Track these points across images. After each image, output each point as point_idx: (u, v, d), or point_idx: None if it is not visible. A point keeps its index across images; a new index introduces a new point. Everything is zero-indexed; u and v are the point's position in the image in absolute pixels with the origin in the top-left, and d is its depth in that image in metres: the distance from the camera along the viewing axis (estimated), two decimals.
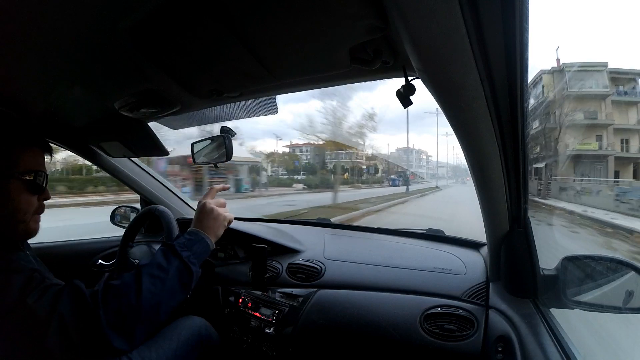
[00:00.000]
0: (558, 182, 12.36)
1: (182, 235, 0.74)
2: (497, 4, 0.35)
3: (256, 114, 0.97)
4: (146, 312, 0.60)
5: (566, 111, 13.75)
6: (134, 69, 0.68)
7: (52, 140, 1.17)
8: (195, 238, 0.73)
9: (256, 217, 1.70)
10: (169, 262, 0.66)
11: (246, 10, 0.48)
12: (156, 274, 0.63)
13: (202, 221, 0.77)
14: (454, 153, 61.84)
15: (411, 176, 45.37)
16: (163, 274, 0.64)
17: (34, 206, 0.66)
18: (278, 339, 1.09)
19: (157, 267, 0.64)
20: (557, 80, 14.34)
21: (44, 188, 0.68)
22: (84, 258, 1.37)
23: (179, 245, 0.69)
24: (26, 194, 0.63)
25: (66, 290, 0.57)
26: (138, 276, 0.61)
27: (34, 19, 0.50)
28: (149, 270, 0.63)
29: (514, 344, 0.69)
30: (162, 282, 0.63)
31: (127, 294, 0.59)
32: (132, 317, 0.59)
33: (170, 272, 0.65)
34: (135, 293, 0.59)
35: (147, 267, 0.63)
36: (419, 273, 1.03)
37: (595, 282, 0.78)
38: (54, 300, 0.54)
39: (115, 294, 0.58)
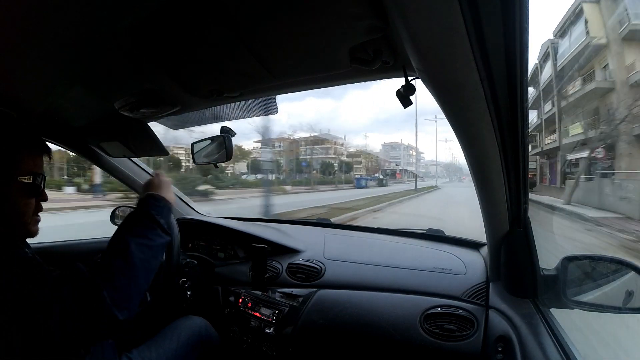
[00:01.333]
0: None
1: (148, 200, 0.75)
2: (497, 4, 0.35)
3: (256, 114, 0.97)
4: (141, 281, 0.64)
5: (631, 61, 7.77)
6: (134, 69, 0.68)
7: (52, 140, 1.17)
8: (164, 204, 0.76)
9: (256, 217, 1.70)
10: (151, 230, 0.69)
11: (246, 10, 0.48)
12: (143, 243, 0.65)
13: (162, 188, 0.80)
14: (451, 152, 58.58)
15: (397, 174, 42.66)
16: (148, 241, 0.67)
17: (32, 208, 0.66)
18: (278, 339, 1.09)
19: (142, 237, 0.66)
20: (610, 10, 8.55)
21: (43, 190, 0.68)
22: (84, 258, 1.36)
23: (155, 212, 0.72)
24: (25, 196, 0.64)
25: (66, 274, 0.58)
26: (128, 249, 0.63)
27: (34, 19, 0.50)
28: (137, 240, 0.65)
29: (514, 344, 0.69)
30: (150, 249, 0.66)
31: (124, 268, 0.61)
32: (131, 289, 0.62)
33: (154, 240, 0.68)
34: (131, 266, 0.62)
35: (133, 238, 0.65)
36: (419, 273, 1.03)
37: (595, 282, 0.78)
38: (56, 284, 0.55)
39: (114, 270, 0.60)
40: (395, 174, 42.87)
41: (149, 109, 0.85)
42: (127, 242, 0.63)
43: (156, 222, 0.70)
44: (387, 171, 43.89)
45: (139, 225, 0.68)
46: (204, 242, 1.45)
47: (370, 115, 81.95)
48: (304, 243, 1.29)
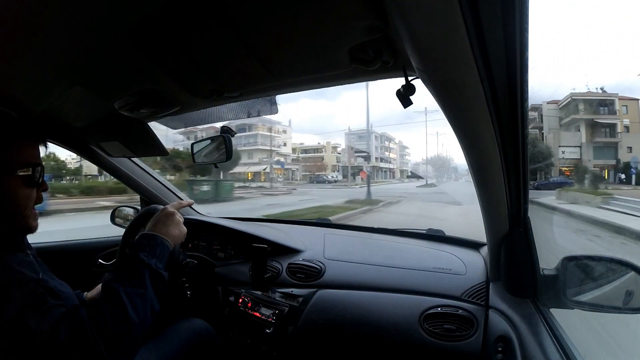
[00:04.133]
0: None
1: (139, 242, 0.73)
2: (497, 4, 0.35)
3: (256, 114, 0.97)
4: (138, 329, 0.62)
5: None
6: (134, 69, 0.68)
7: (52, 140, 1.17)
8: (154, 242, 0.73)
9: (256, 217, 1.70)
10: (141, 275, 0.66)
11: (246, 10, 0.48)
12: (136, 292, 0.63)
13: (163, 223, 0.78)
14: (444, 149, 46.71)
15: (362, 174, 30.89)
16: (141, 289, 0.65)
17: (33, 199, 0.66)
18: (278, 339, 1.09)
19: (133, 285, 0.64)
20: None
21: (42, 180, 0.68)
22: (84, 258, 1.37)
23: (144, 254, 0.69)
24: (25, 188, 0.64)
25: (67, 317, 0.56)
26: (121, 301, 0.61)
27: (34, 19, 0.50)
28: (128, 289, 0.63)
29: (514, 344, 0.69)
30: (143, 297, 0.64)
31: (119, 321, 0.59)
32: (129, 340, 0.60)
33: (147, 284, 0.66)
34: (126, 319, 0.60)
35: (124, 288, 0.62)
36: (419, 273, 1.03)
37: (595, 282, 0.78)
38: (55, 326, 0.54)
39: (109, 323, 0.58)
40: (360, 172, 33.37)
41: (149, 109, 0.85)
42: (119, 293, 0.61)
43: (146, 267, 0.67)
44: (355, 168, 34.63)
45: (128, 275, 0.66)
46: (204, 242, 1.45)
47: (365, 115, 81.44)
48: (304, 243, 1.29)
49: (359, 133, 39.74)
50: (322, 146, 40.19)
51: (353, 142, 38.74)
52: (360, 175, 33.66)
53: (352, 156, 37.03)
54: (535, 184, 14.27)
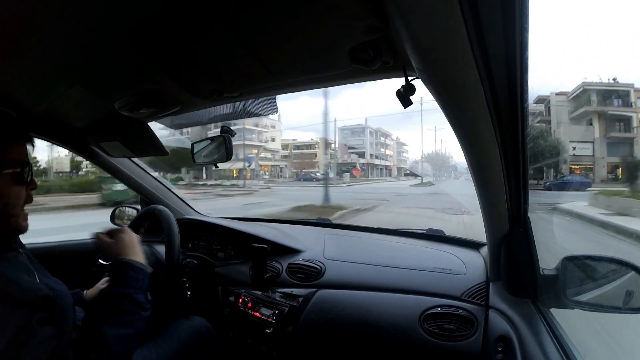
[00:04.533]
0: None
1: (127, 273, 0.70)
2: (497, 4, 0.35)
3: (256, 113, 0.97)
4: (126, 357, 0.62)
5: None
6: (134, 69, 0.68)
7: (52, 140, 1.18)
8: (144, 276, 0.72)
9: (256, 217, 1.70)
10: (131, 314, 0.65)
11: (246, 10, 0.48)
12: (123, 334, 0.62)
13: (133, 248, 0.77)
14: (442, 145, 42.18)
15: (355, 171, 31.10)
16: (129, 329, 0.64)
17: (22, 198, 0.66)
18: (278, 339, 1.09)
19: (121, 326, 0.63)
20: None
21: (31, 179, 0.68)
22: (84, 258, 1.37)
23: (134, 290, 0.68)
24: (15, 186, 0.63)
25: (56, 353, 0.55)
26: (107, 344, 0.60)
27: (34, 19, 0.50)
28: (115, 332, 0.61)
29: (514, 344, 0.69)
30: (128, 338, 0.63)
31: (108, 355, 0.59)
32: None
33: (135, 325, 0.65)
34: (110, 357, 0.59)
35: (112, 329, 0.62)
36: (419, 273, 1.03)
37: (595, 282, 0.78)
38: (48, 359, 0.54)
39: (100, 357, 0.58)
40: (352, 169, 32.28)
41: (149, 109, 0.85)
42: (106, 337, 0.60)
43: (137, 304, 0.66)
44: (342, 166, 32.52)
45: (118, 313, 0.64)
46: (204, 242, 1.45)
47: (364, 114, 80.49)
48: (304, 243, 1.29)
49: (353, 128, 38.20)
50: (315, 142, 37.49)
51: (346, 138, 37.66)
52: (353, 173, 32.08)
53: (345, 152, 35.72)
54: (547, 183, 13.04)
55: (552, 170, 14.37)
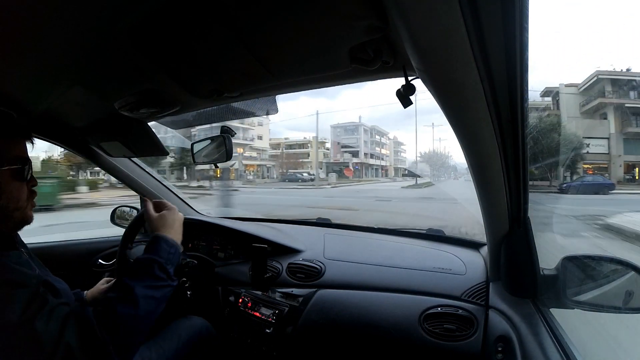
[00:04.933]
0: None
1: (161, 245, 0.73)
2: (497, 4, 0.35)
3: (256, 113, 0.97)
4: (145, 330, 0.64)
5: None
6: (134, 69, 0.68)
7: (52, 140, 1.18)
8: (176, 251, 0.74)
9: (256, 217, 1.70)
10: (160, 280, 0.68)
11: (246, 10, 0.48)
12: (150, 295, 0.64)
13: (174, 227, 0.79)
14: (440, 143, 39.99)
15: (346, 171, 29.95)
16: (156, 292, 0.66)
17: (25, 193, 0.67)
18: (278, 339, 1.09)
19: (150, 288, 0.65)
20: None
21: (31, 175, 0.69)
22: (84, 258, 1.37)
23: (166, 260, 0.70)
24: (16, 182, 0.65)
25: (73, 316, 0.57)
26: (136, 299, 0.62)
27: (34, 19, 0.50)
28: (144, 292, 0.64)
29: (514, 344, 0.69)
30: (155, 300, 0.65)
31: (129, 319, 0.60)
32: (136, 339, 0.62)
33: (162, 290, 0.67)
34: (136, 317, 0.61)
35: (142, 288, 0.64)
36: (419, 273, 1.03)
37: (595, 282, 0.78)
38: (61, 326, 0.54)
39: (119, 321, 0.59)
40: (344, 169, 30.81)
41: (149, 109, 0.85)
42: (135, 292, 0.62)
43: (166, 272, 0.69)
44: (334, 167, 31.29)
45: (148, 275, 0.67)
46: (204, 242, 1.45)
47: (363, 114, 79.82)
48: (304, 243, 1.29)
49: (346, 126, 35.62)
50: (308, 141, 35.94)
51: (340, 136, 35.57)
52: (344, 173, 30.31)
53: (338, 151, 33.54)
54: (564, 185, 11.24)
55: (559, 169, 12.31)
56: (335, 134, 36.15)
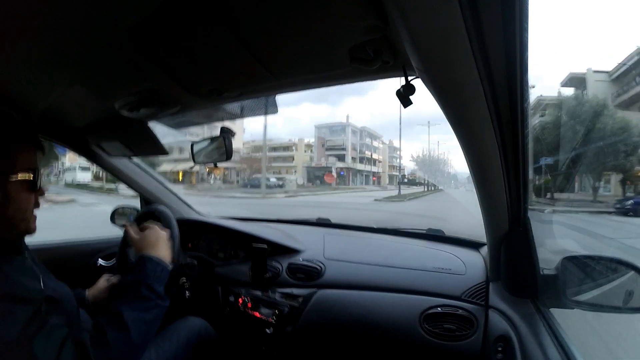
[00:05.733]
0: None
1: (146, 266, 0.73)
2: (497, 4, 0.35)
3: (256, 113, 0.97)
4: (140, 351, 0.64)
5: None
6: (134, 69, 0.68)
7: (52, 140, 1.18)
8: (162, 269, 0.75)
9: (256, 217, 1.70)
10: (148, 301, 0.68)
11: (246, 10, 0.48)
12: (139, 317, 0.64)
13: (158, 246, 0.79)
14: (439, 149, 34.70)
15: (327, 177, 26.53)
16: (146, 314, 0.66)
17: (32, 203, 0.66)
18: (278, 339, 1.09)
19: (139, 310, 0.65)
20: None
21: (40, 185, 0.68)
22: (84, 258, 1.37)
23: (153, 281, 0.71)
24: (25, 192, 0.64)
25: (70, 340, 0.56)
26: (126, 325, 0.62)
27: (34, 20, 0.50)
28: (134, 315, 0.63)
29: (514, 344, 0.69)
30: (146, 324, 0.65)
31: (122, 344, 0.60)
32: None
33: (152, 312, 0.67)
34: (128, 341, 0.61)
35: (131, 312, 0.63)
36: (419, 273, 1.03)
37: (595, 282, 0.78)
38: (59, 349, 0.54)
39: (111, 347, 0.59)
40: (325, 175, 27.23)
41: (149, 109, 0.85)
42: (124, 316, 0.62)
43: (154, 292, 0.69)
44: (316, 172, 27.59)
45: (135, 297, 0.67)
46: (204, 242, 1.45)
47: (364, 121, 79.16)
48: (304, 243, 1.29)
49: (332, 126, 31.57)
50: (294, 143, 32.95)
51: (325, 137, 31.78)
52: (325, 179, 26.54)
53: (323, 155, 30.07)
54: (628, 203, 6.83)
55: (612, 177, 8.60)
56: (319, 135, 32.50)
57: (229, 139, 0.95)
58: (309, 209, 10.79)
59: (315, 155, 31.66)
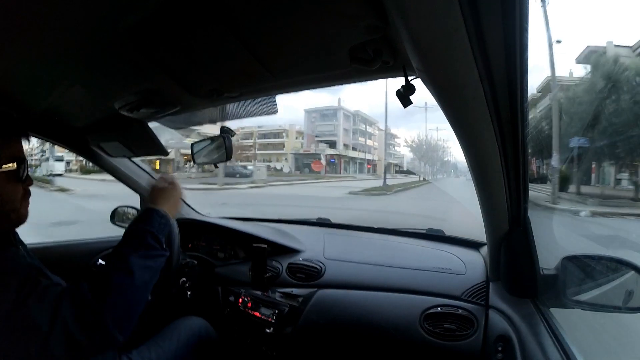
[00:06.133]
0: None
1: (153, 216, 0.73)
2: (497, 4, 0.35)
3: (256, 113, 0.97)
4: (141, 302, 0.63)
5: None
6: (134, 69, 0.68)
7: (53, 140, 1.18)
8: (166, 222, 0.74)
9: (256, 217, 1.70)
10: (153, 249, 0.68)
11: (246, 10, 0.48)
12: (146, 265, 0.64)
13: (170, 200, 0.79)
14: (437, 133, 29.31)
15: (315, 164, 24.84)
16: (151, 262, 0.66)
17: (20, 193, 0.66)
18: (278, 339, 1.09)
19: (144, 257, 0.65)
20: None
21: (27, 175, 0.68)
22: (84, 258, 1.37)
23: (157, 230, 0.71)
24: (11, 183, 0.64)
25: (67, 293, 0.56)
26: (131, 269, 0.62)
27: (34, 19, 0.50)
28: (139, 261, 0.63)
29: (514, 344, 0.69)
30: (150, 270, 0.65)
31: (125, 289, 0.60)
32: (132, 311, 0.61)
33: (156, 260, 0.67)
34: (132, 287, 0.61)
35: (136, 258, 0.64)
36: (419, 273, 1.03)
37: (595, 281, 0.78)
38: (56, 304, 0.54)
39: (116, 292, 0.59)
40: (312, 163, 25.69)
41: (149, 109, 0.85)
42: (130, 261, 0.62)
43: (159, 242, 0.69)
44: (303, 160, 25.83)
45: (142, 245, 0.67)
46: (204, 242, 1.45)
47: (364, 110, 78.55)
48: (304, 243, 1.29)
49: (322, 110, 28.93)
50: (284, 130, 30.96)
51: (314, 123, 29.70)
52: (313, 167, 24.90)
53: (313, 141, 28.12)
54: None
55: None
56: (309, 120, 30.15)
57: (229, 139, 0.95)
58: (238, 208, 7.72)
59: (305, 141, 29.86)
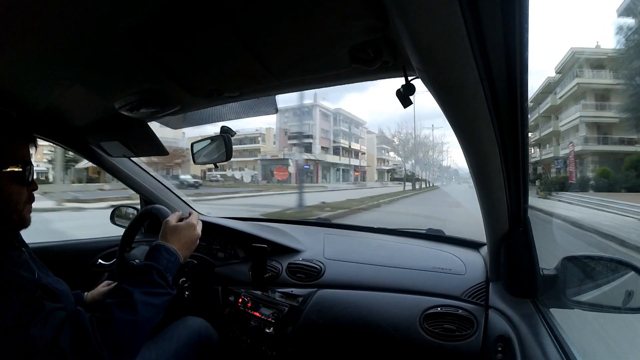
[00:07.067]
0: None
1: (161, 254, 0.73)
2: (497, 4, 0.35)
3: (256, 113, 0.97)
4: (142, 339, 0.63)
5: None
6: (134, 69, 0.68)
7: (53, 140, 1.18)
8: (175, 260, 0.75)
9: (256, 217, 1.70)
10: (159, 287, 0.68)
11: (246, 10, 0.48)
12: (149, 302, 0.64)
13: (180, 241, 0.79)
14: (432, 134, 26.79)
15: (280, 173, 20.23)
16: (155, 299, 0.66)
17: (25, 196, 0.66)
18: (278, 339, 1.09)
19: (149, 295, 0.65)
20: None
21: (32, 179, 0.68)
22: (84, 258, 1.37)
23: (165, 268, 0.71)
24: (16, 185, 0.64)
25: (69, 322, 0.56)
26: (134, 306, 0.62)
27: (34, 19, 0.50)
28: (143, 299, 0.63)
29: (513, 344, 0.69)
30: (154, 307, 0.65)
31: (126, 325, 0.60)
32: (132, 347, 0.61)
33: (161, 298, 0.67)
34: (134, 324, 0.61)
35: (140, 295, 0.64)
36: (419, 273, 1.03)
37: (595, 282, 0.78)
38: (56, 332, 0.54)
39: (117, 327, 0.59)
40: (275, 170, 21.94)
41: (149, 108, 0.85)
42: (134, 297, 0.62)
43: (165, 280, 0.69)
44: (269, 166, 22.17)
45: (147, 282, 0.67)
46: (204, 242, 1.44)
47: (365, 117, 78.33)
48: (303, 243, 1.29)
49: (296, 109, 22.84)
50: (259, 134, 28.76)
51: (288, 123, 25.18)
52: (275, 176, 20.99)
53: (286, 144, 24.02)
54: None
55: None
56: (282, 121, 25.18)
57: (229, 138, 0.95)
58: None
59: (277, 145, 26.05)
